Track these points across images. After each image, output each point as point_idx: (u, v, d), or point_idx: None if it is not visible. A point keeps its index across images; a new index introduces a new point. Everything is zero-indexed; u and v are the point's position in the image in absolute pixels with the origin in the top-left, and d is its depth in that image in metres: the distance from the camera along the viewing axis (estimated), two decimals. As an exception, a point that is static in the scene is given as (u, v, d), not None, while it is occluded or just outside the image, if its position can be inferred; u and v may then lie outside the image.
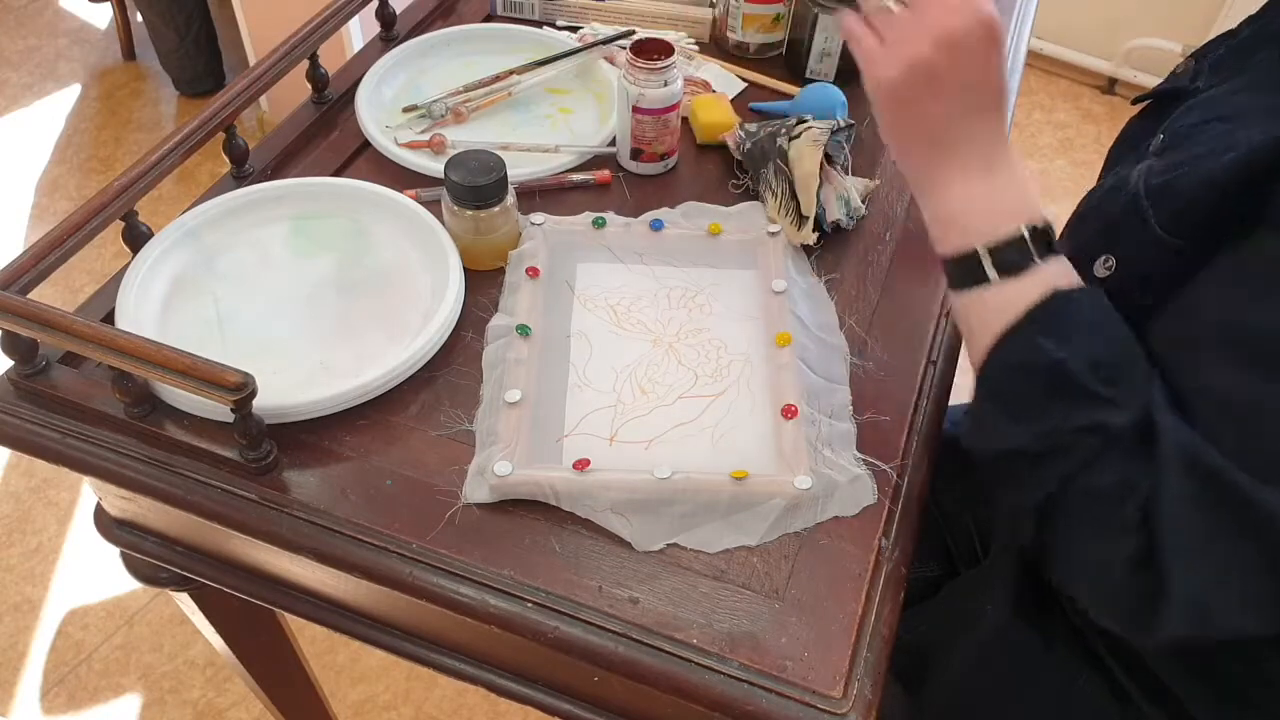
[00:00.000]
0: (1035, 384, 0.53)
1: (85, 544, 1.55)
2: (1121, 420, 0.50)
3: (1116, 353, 0.52)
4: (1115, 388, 0.50)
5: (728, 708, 0.54)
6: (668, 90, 0.80)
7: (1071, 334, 0.52)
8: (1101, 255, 0.57)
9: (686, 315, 0.74)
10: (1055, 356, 0.51)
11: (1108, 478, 0.50)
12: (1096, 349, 0.51)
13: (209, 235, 0.75)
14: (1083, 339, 0.52)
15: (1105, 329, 0.53)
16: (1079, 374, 0.50)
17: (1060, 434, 0.51)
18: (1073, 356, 0.51)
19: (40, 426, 0.64)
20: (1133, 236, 0.55)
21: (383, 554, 0.59)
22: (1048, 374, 0.52)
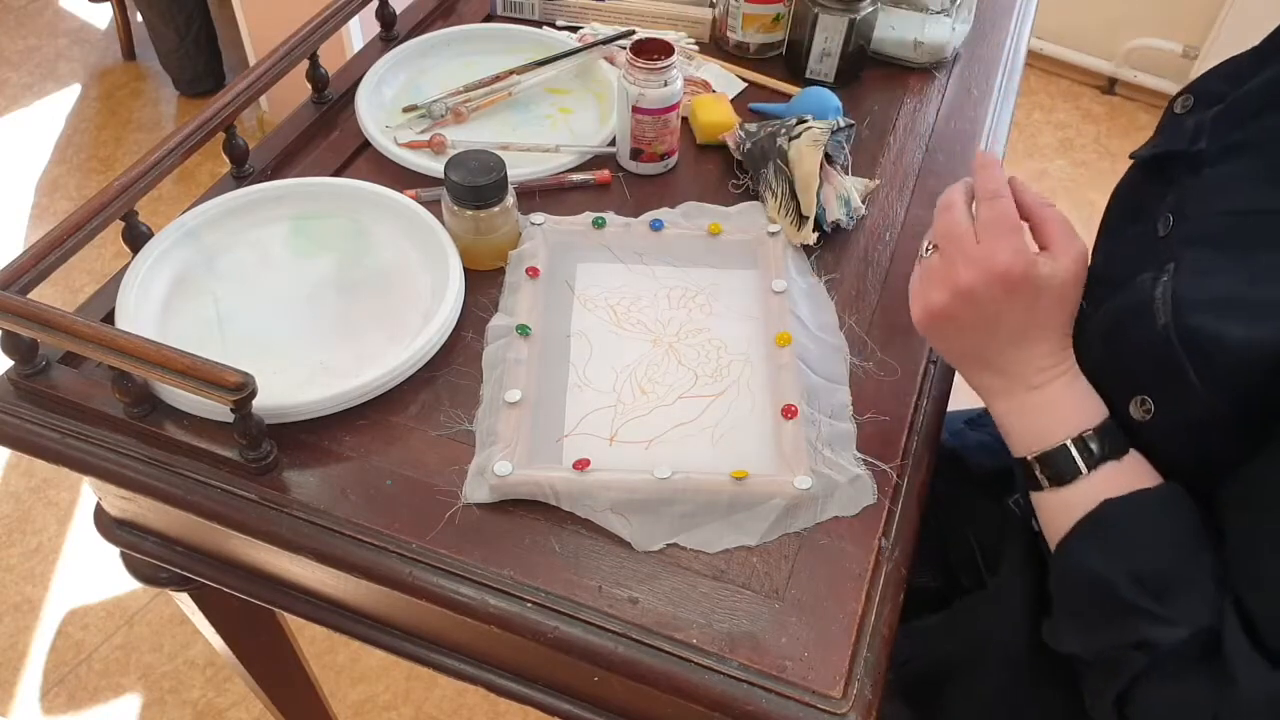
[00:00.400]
0: (1084, 596, 0.54)
1: (85, 544, 1.55)
2: (1174, 636, 0.49)
3: (1166, 565, 0.51)
4: (1163, 602, 0.50)
5: (728, 708, 0.54)
6: (668, 90, 0.80)
7: (1117, 546, 0.52)
8: (1135, 394, 0.54)
9: (686, 315, 0.74)
10: (1100, 573, 0.52)
11: (1164, 695, 0.50)
12: (1142, 562, 0.51)
13: (209, 235, 0.75)
14: (1129, 551, 0.51)
15: (1156, 538, 0.52)
16: (1121, 588, 0.50)
17: (1108, 649, 0.52)
18: (1117, 572, 0.51)
19: (40, 426, 0.64)
20: (1169, 385, 0.52)
21: (383, 554, 0.59)
22: (1092, 587, 0.52)
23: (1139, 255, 0.58)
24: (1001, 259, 0.55)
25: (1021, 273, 0.55)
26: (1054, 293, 0.57)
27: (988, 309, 0.57)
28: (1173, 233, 0.57)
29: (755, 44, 0.98)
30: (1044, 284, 0.56)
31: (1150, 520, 0.53)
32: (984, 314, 0.57)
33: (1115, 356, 0.55)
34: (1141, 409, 0.53)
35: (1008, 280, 0.55)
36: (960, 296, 0.57)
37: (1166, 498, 0.53)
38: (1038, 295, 0.56)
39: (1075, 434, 0.55)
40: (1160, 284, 0.53)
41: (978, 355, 0.59)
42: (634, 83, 0.80)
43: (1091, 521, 0.53)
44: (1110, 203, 0.70)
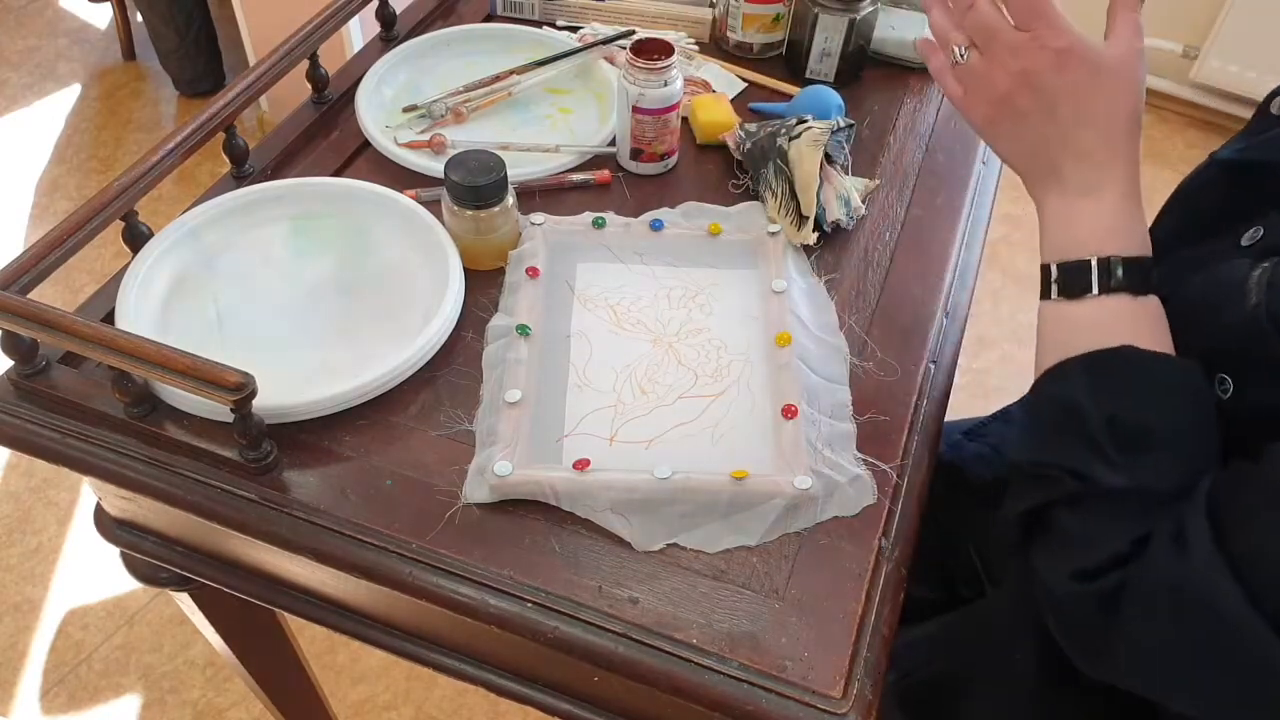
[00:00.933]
0: (1055, 417, 0.54)
1: (85, 544, 1.55)
2: (1113, 482, 0.50)
3: (1146, 424, 0.51)
4: (1122, 452, 0.50)
5: (728, 708, 0.54)
6: (668, 90, 0.80)
7: (1110, 388, 0.52)
8: (1217, 373, 0.52)
9: (686, 315, 0.74)
10: (1079, 401, 0.52)
11: (1074, 524, 0.51)
12: (1124, 412, 0.51)
13: (209, 235, 0.75)
14: (1117, 397, 0.52)
15: (1152, 399, 0.52)
16: (1091, 424, 0.51)
17: (1054, 464, 0.53)
18: (1094, 407, 0.51)
19: (40, 426, 0.64)
20: (1254, 366, 0.51)
21: (383, 554, 0.59)
22: (1066, 412, 0.53)
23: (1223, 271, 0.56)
24: (1048, 37, 0.55)
25: (1068, 45, 0.55)
26: (1110, 71, 0.55)
27: (1046, 91, 0.56)
28: (1262, 244, 0.55)
29: (755, 44, 0.98)
30: (1098, 60, 0.55)
31: (1158, 382, 0.52)
32: (1043, 98, 0.56)
33: (1196, 333, 0.54)
34: (1219, 389, 0.52)
35: (1059, 56, 0.55)
36: (1018, 81, 0.56)
37: (1183, 370, 0.53)
38: (1095, 72, 0.55)
39: (1105, 254, 0.55)
40: (1259, 269, 0.51)
41: (1041, 147, 0.58)
42: (634, 83, 0.80)
43: (1103, 360, 0.53)
44: (1177, 201, 0.67)
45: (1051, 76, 0.56)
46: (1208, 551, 0.46)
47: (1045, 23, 0.56)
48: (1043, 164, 0.58)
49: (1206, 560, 0.46)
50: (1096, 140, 0.56)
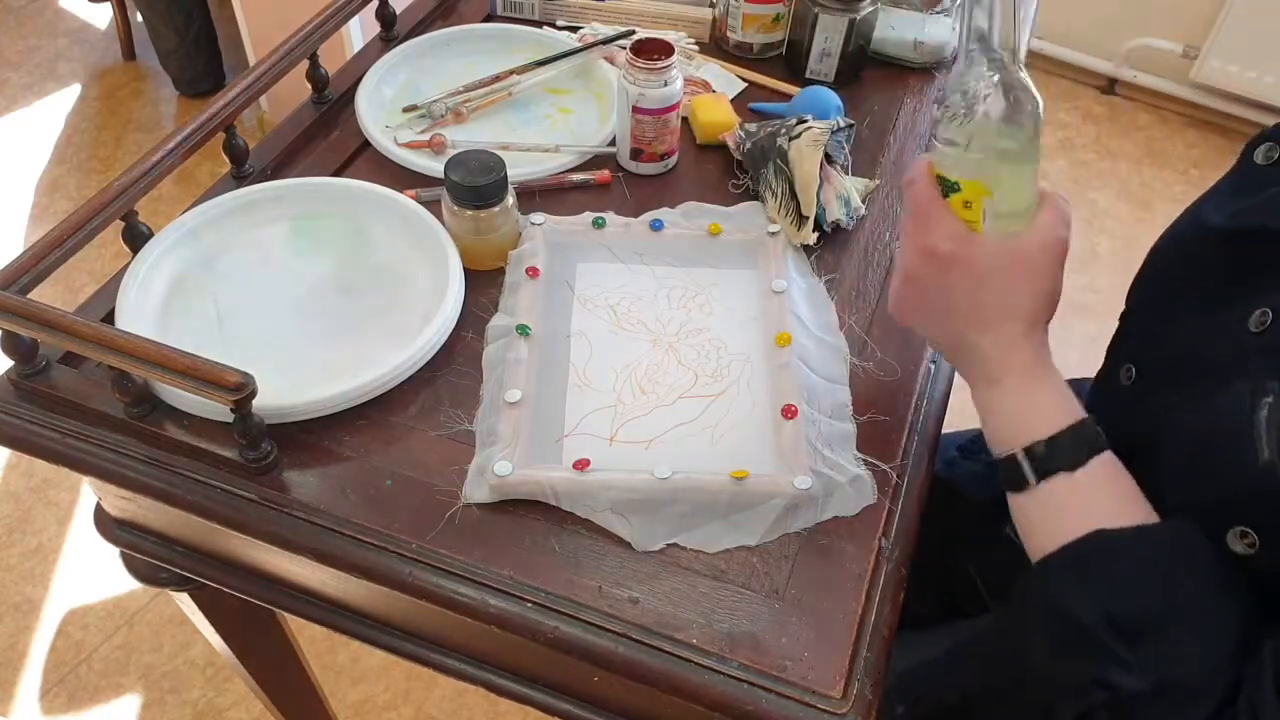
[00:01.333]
0: (1055, 626, 0.52)
1: (85, 544, 1.55)
2: (1135, 684, 0.48)
3: (1146, 609, 0.49)
4: (1134, 648, 0.48)
5: (728, 708, 0.54)
6: (668, 90, 0.80)
7: (1098, 584, 0.50)
8: (1234, 525, 0.49)
9: (686, 315, 0.74)
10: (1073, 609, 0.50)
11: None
12: (1119, 605, 0.49)
13: (209, 235, 0.75)
14: (1107, 592, 0.49)
15: (1141, 580, 0.49)
16: (1094, 629, 0.49)
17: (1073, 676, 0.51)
18: (1090, 609, 0.49)
19: (40, 426, 0.64)
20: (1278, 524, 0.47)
21: (383, 554, 0.59)
22: (1065, 624, 0.51)
23: (1226, 351, 0.54)
24: (927, 239, 0.56)
25: (949, 251, 0.55)
26: (1002, 273, 0.55)
27: (933, 290, 0.57)
28: (1271, 332, 0.51)
29: (755, 44, 0.98)
30: (984, 263, 0.55)
31: (1141, 560, 0.50)
32: (931, 295, 0.57)
33: (1205, 483, 0.51)
34: (1243, 542, 0.49)
35: (936, 258, 0.55)
36: (908, 281, 0.59)
37: (1168, 539, 0.51)
38: (980, 276, 0.55)
39: (1026, 444, 0.55)
40: (1262, 409, 0.48)
41: (941, 340, 0.60)
42: (634, 83, 0.80)
43: (1076, 553, 0.51)
44: (1169, 263, 0.64)
45: (937, 279, 0.56)
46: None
47: (931, 228, 0.56)
48: (950, 356, 0.61)
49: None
50: (988, 337, 0.56)
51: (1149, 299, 0.66)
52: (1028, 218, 0.56)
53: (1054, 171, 2.26)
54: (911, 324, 0.62)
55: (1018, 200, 0.55)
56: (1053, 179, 2.24)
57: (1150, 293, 0.66)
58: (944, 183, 0.56)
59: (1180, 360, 0.58)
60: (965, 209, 0.56)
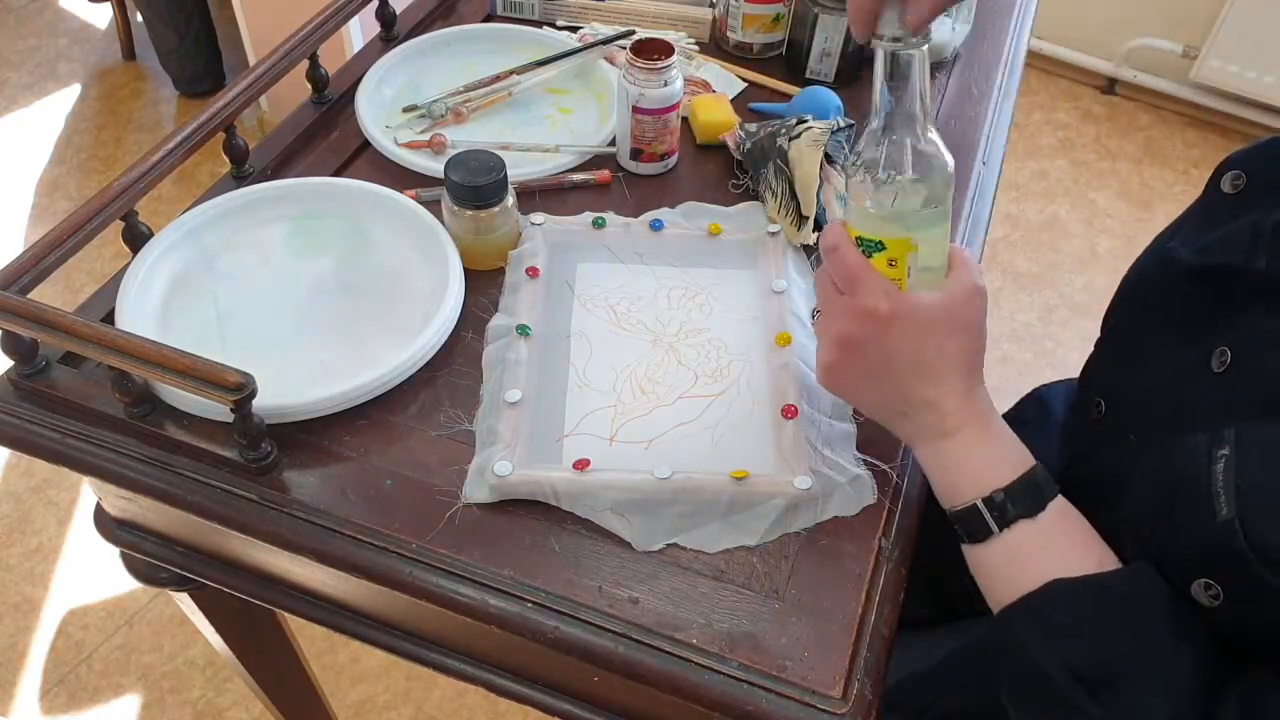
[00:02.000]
0: (1024, 678, 0.52)
1: (85, 544, 1.55)
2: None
3: (1107, 658, 0.49)
4: (1097, 699, 0.48)
5: (728, 708, 0.54)
6: (668, 90, 0.80)
7: (1058, 635, 0.51)
8: (1198, 577, 0.49)
9: (686, 315, 0.74)
10: (1037, 658, 0.50)
11: None
12: (1080, 656, 0.49)
13: (209, 235, 0.75)
14: (1068, 645, 0.50)
15: (1100, 628, 0.50)
16: (1057, 681, 0.49)
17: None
18: (1052, 662, 0.50)
19: (40, 426, 0.64)
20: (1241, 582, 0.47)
21: (383, 554, 0.59)
22: (1029, 674, 0.51)
23: (1186, 391, 0.54)
24: (865, 301, 0.55)
25: (888, 309, 0.54)
26: (938, 323, 0.55)
27: (873, 353, 0.56)
28: (1230, 373, 0.52)
29: (755, 44, 0.98)
30: (923, 316, 0.55)
31: (1097, 609, 0.51)
32: (871, 359, 0.56)
33: (1168, 534, 0.51)
34: (1208, 594, 0.49)
35: (876, 318, 0.55)
36: (844, 348, 0.57)
37: (1122, 587, 0.51)
38: (922, 329, 0.55)
39: (985, 493, 0.55)
40: (1219, 461, 0.48)
41: (884, 402, 0.59)
42: (634, 83, 0.80)
43: (1034, 605, 0.52)
44: (1138, 295, 0.65)
45: (877, 339, 0.55)
46: None
47: (864, 288, 0.55)
48: (893, 417, 0.59)
49: None
50: (936, 390, 0.56)
51: (1119, 331, 0.66)
52: (944, 271, 0.57)
53: (1054, 171, 2.26)
54: (850, 392, 0.61)
55: (939, 255, 0.57)
56: (1053, 179, 2.24)
57: (1120, 324, 0.66)
58: (865, 243, 0.56)
59: (1145, 397, 0.58)
60: (890, 267, 0.56)
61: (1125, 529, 0.54)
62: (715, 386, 0.69)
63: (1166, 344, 0.59)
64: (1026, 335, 1.93)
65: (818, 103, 0.85)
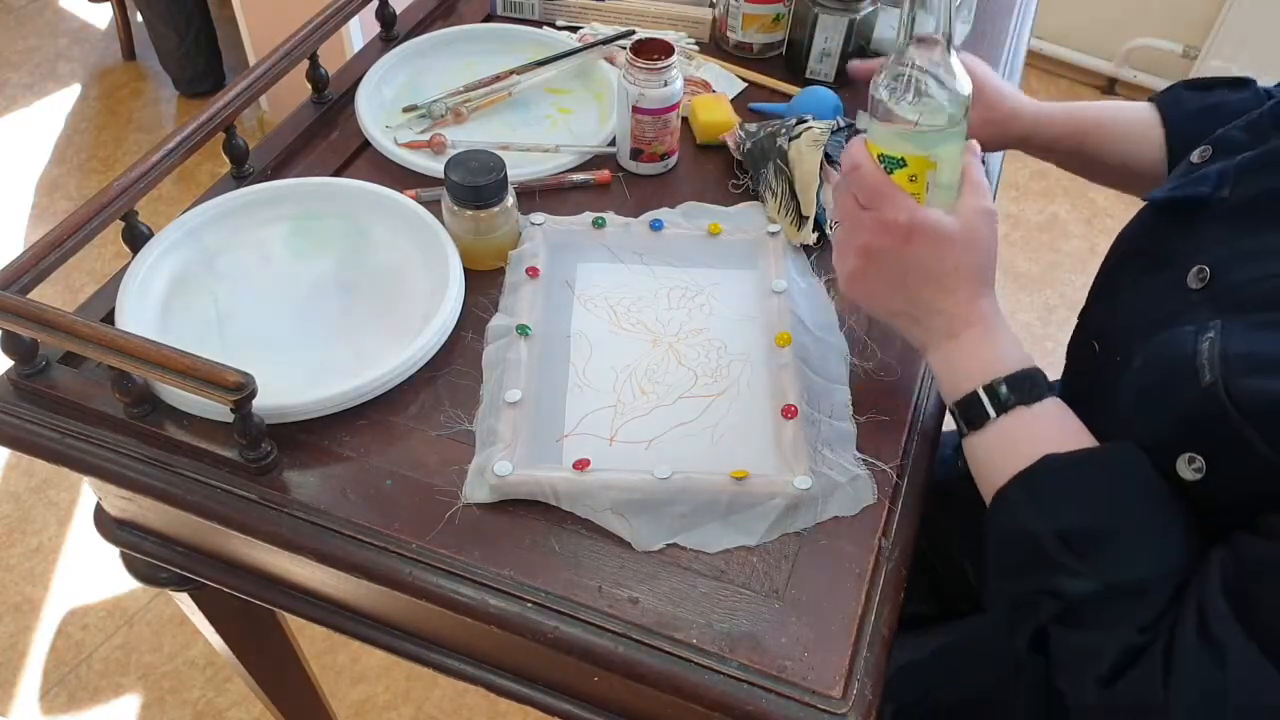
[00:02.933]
0: (1013, 549, 0.55)
1: (85, 544, 1.55)
2: (1083, 588, 0.51)
3: (1095, 523, 0.52)
4: (1084, 559, 0.51)
5: (727, 708, 0.54)
6: (668, 90, 0.80)
7: (1049, 503, 0.54)
8: (1182, 452, 0.52)
9: (686, 315, 0.74)
10: (1028, 527, 0.53)
11: (1075, 638, 0.52)
12: (1070, 521, 0.52)
13: (209, 235, 0.75)
14: (1058, 510, 0.53)
15: (1089, 496, 0.53)
16: (1047, 545, 0.52)
17: (1028, 594, 0.54)
18: (1042, 527, 0.53)
19: (40, 426, 0.64)
20: (1224, 445, 0.49)
21: (383, 554, 0.59)
22: (1020, 542, 0.54)
23: (1169, 307, 0.58)
24: (888, 214, 0.59)
25: (907, 221, 0.58)
26: (954, 238, 0.59)
27: (892, 263, 0.60)
28: (1211, 287, 0.56)
29: (755, 44, 0.98)
30: (940, 230, 0.59)
31: (1086, 479, 0.54)
32: (890, 268, 0.60)
33: (1154, 414, 0.54)
34: (1191, 468, 0.51)
35: (898, 231, 0.59)
36: (865, 257, 0.61)
37: (1108, 458, 0.54)
38: (940, 242, 0.59)
39: (987, 381, 0.58)
40: (1205, 340, 0.51)
41: (900, 309, 0.62)
42: (634, 83, 0.80)
43: (1028, 477, 0.54)
44: (1119, 246, 0.69)
45: (897, 250, 0.59)
46: (1241, 647, 0.46)
47: (888, 203, 0.59)
48: (906, 323, 0.62)
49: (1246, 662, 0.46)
50: (947, 299, 0.60)
51: (1105, 279, 0.70)
52: (957, 190, 0.62)
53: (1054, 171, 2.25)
54: (869, 300, 0.63)
55: (954, 173, 0.61)
56: (1053, 179, 2.24)
57: (1105, 272, 0.70)
58: (887, 160, 0.60)
59: (1131, 322, 0.62)
60: (910, 183, 0.60)
61: (1115, 422, 0.56)
62: (715, 386, 0.69)
63: (1147, 275, 0.63)
64: (1026, 335, 1.93)
65: (818, 103, 0.86)
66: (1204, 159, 0.64)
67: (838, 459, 0.63)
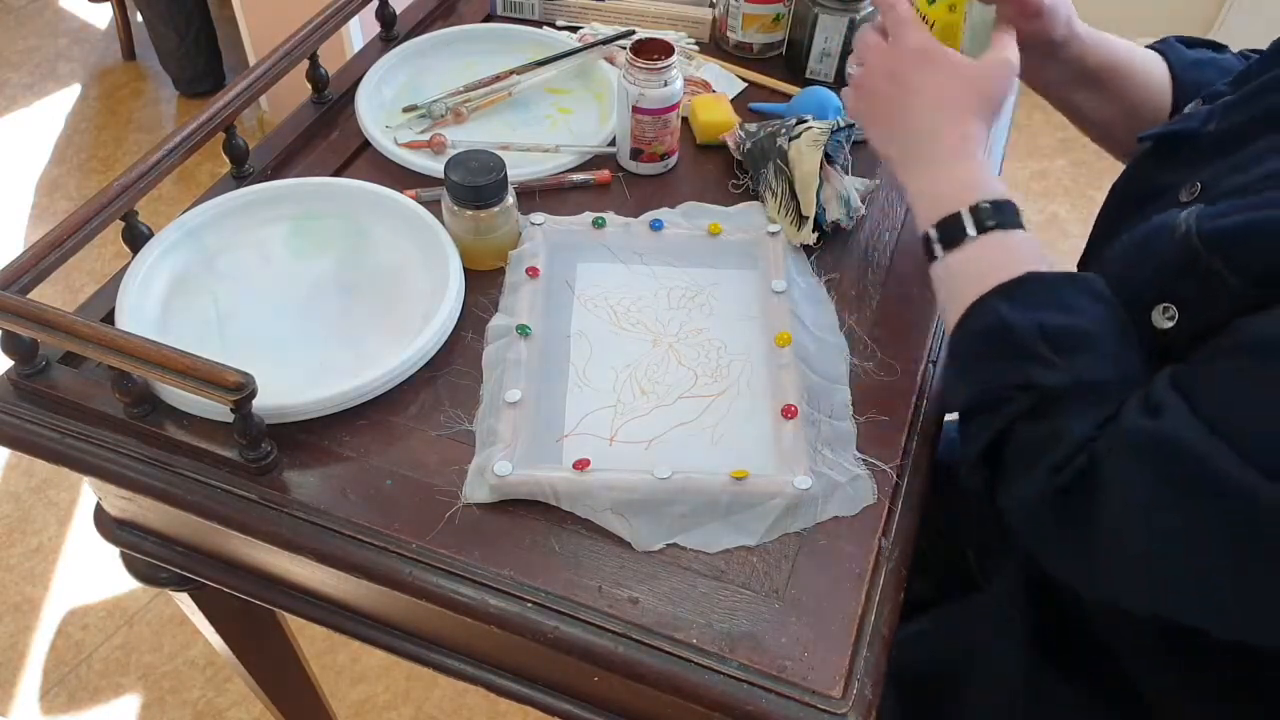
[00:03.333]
0: (987, 344, 0.57)
1: (85, 544, 1.55)
2: (1057, 380, 0.52)
3: (1073, 326, 0.54)
4: (1059, 353, 0.53)
5: (727, 708, 0.54)
6: (667, 90, 0.80)
7: (1030, 304, 0.55)
8: (1159, 303, 0.55)
9: (686, 315, 0.74)
10: (1006, 319, 0.55)
11: (1037, 429, 0.53)
12: (1049, 319, 0.54)
13: (209, 235, 0.75)
14: (1038, 310, 0.55)
15: (1070, 305, 0.55)
16: (1023, 335, 0.54)
17: (999, 388, 0.55)
18: (1022, 320, 0.54)
19: (40, 426, 0.64)
20: (1193, 287, 0.53)
21: (383, 554, 0.59)
22: (997, 334, 0.55)
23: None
24: (910, 39, 0.65)
25: (923, 46, 0.64)
26: (967, 72, 0.64)
27: (907, 80, 0.65)
28: (1199, 198, 0.59)
29: (755, 44, 0.98)
30: (956, 64, 0.64)
31: (1068, 292, 0.56)
32: (903, 85, 0.65)
33: (1135, 269, 0.57)
34: (1164, 316, 0.54)
35: (916, 53, 0.64)
36: (883, 75, 0.66)
37: (1091, 282, 0.56)
38: (952, 69, 0.64)
39: (970, 203, 0.60)
40: (1184, 214, 0.55)
41: (901, 124, 0.66)
42: (634, 82, 0.80)
43: (1009, 284, 0.56)
44: (1113, 193, 0.71)
45: (912, 70, 0.65)
46: (1184, 412, 0.48)
47: (906, 28, 0.65)
48: (900, 142, 0.66)
49: (1185, 421, 0.47)
50: (947, 123, 0.64)
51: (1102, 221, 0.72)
52: (988, 39, 0.67)
53: (1054, 171, 2.26)
54: (873, 115, 0.68)
55: (990, 14, 0.68)
56: (1053, 178, 2.24)
57: (1104, 214, 0.72)
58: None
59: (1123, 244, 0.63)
60: (950, 12, 0.67)
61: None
62: (715, 386, 0.69)
63: (1142, 206, 0.65)
64: (1026, 335, 1.92)
65: (818, 103, 0.85)
66: (1196, 110, 0.66)
67: (838, 459, 0.63)
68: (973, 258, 0.59)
